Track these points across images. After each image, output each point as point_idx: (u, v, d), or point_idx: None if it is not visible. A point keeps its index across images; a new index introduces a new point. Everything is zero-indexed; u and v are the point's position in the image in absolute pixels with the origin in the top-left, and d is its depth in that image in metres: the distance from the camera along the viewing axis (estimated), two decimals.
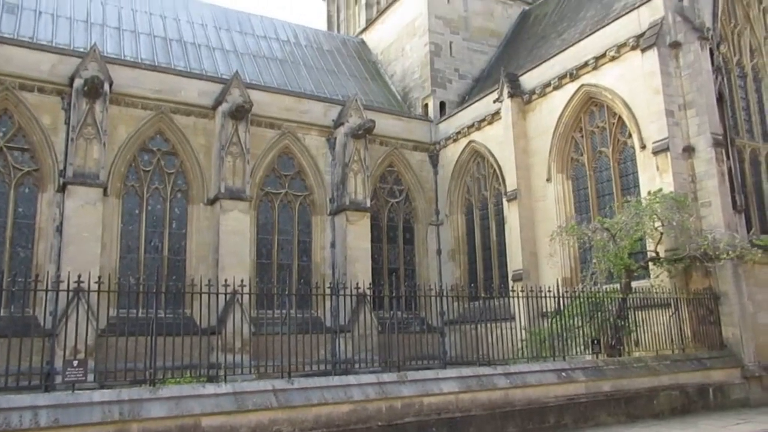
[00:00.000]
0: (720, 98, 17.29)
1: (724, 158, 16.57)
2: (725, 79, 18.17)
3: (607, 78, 19.20)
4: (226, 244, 20.69)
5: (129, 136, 20.86)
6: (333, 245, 23.51)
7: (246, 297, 14.52)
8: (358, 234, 23.16)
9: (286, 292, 13.33)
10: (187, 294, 14.31)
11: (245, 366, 11.51)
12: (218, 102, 22.01)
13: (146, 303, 17.40)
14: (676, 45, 17.38)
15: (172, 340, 10.33)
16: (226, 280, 10.96)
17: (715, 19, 18.41)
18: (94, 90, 19.44)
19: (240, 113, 21.71)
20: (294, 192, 23.75)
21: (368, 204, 23.71)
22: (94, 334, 16.60)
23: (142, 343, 9.65)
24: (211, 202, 21.47)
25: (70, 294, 14.64)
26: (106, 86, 19.93)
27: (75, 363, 8.69)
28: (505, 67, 24.51)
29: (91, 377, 9.98)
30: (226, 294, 11.05)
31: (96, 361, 15.57)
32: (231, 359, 16.45)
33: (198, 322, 12.31)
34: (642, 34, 17.98)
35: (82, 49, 21.93)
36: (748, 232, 16.65)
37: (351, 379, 10.37)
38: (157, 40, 25.65)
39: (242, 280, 11.27)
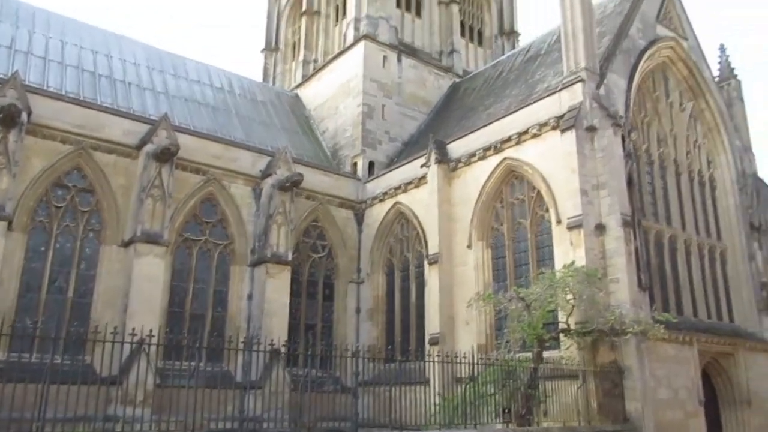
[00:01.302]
0: (630, 182, 18.48)
1: (632, 238, 17.57)
2: (635, 164, 19.49)
3: (529, 153, 20.16)
4: (137, 290, 19.73)
5: (43, 170, 19.90)
6: (250, 297, 22.92)
7: (153, 347, 13.82)
8: (277, 287, 22.72)
9: (197, 345, 12.80)
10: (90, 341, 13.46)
11: (146, 420, 10.86)
12: (144, 142, 21.46)
13: (42, 347, 16.22)
14: (592, 129, 18.55)
15: (67, 388, 9.67)
16: (133, 329, 10.40)
17: (628, 109, 19.91)
18: (9, 118, 18.55)
19: (165, 156, 21.22)
20: (214, 240, 23.16)
21: (290, 257, 23.42)
22: None
23: (33, 391, 8.93)
24: (126, 244, 20.58)
25: None
26: (24, 116, 19.06)
27: None
28: (434, 134, 25.35)
29: None
30: (132, 343, 10.50)
31: None
32: (131, 412, 15.50)
33: (98, 371, 11.60)
34: (562, 116, 19.10)
35: (1, 76, 21.02)
36: (651, 309, 17.53)
37: None
38: (86, 74, 24.94)
39: (150, 330, 10.77)
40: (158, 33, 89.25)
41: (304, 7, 35.64)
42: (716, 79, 24.85)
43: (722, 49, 26.81)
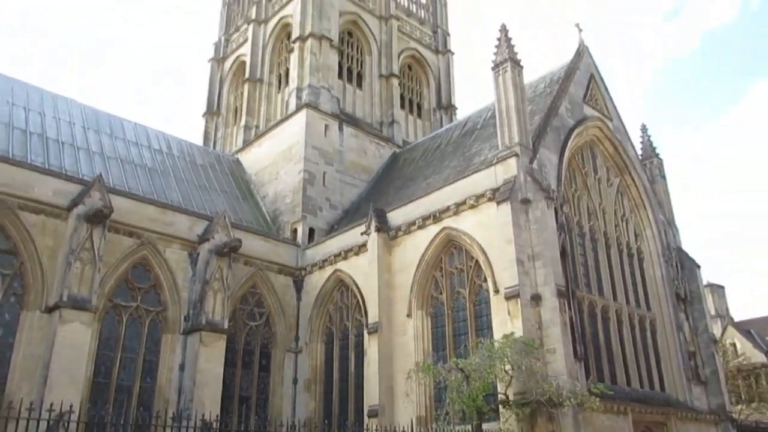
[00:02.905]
0: (563, 253, 19.10)
1: (567, 308, 17.99)
2: (567, 236, 20.20)
3: (467, 223, 20.60)
4: (59, 359, 18.50)
5: None
6: (182, 367, 21.88)
7: (73, 424, 12.91)
8: (211, 357, 21.81)
9: (122, 421, 12.04)
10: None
11: None
12: (75, 203, 20.70)
13: None
14: (526, 201, 19.21)
15: None
16: (51, 404, 9.72)
17: (559, 183, 20.80)
18: None
19: (97, 218, 20.49)
20: (146, 306, 22.22)
21: (226, 325, 22.65)
22: None
23: None
24: (50, 309, 19.45)
25: None
26: None
27: None
28: (374, 202, 25.62)
29: None
30: (49, 420, 9.78)
31: None
32: None
33: None
34: (497, 189, 19.73)
35: None
36: (587, 379, 17.78)
37: None
38: (16, 131, 24.17)
39: (71, 405, 10.08)
40: (99, 94, 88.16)
41: (247, 74, 36.05)
42: (640, 157, 26.36)
43: (644, 129, 28.65)
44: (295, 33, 32.84)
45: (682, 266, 24.77)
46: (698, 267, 25.48)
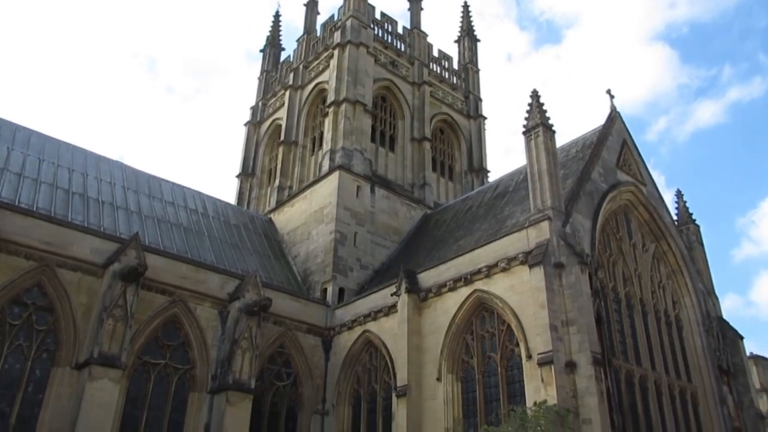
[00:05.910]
0: (599, 319, 18.58)
1: (603, 377, 17.36)
2: (603, 302, 19.71)
3: (498, 286, 20.31)
4: (86, 418, 18.48)
5: (2, 286, 19.29)
6: (207, 428, 21.60)
7: None
8: (236, 417, 21.52)
9: None
10: None
11: None
12: (110, 261, 21.11)
13: None
14: (559, 266, 18.89)
15: None
16: None
17: (593, 248, 20.49)
18: None
19: (132, 276, 20.82)
20: (174, 364, 22.17)
21: (253, 385, 22.43)
22: None
23: None
24: (80, 366, 19.57)
25: None
26: None
27: None
28: (404, 263, 25.53)
29: None
30: None
31: None
32: None
33: None
34: (530, 252, 19.50)
35: None
36: None
37: None
38: (59, 191, 25.00)
39: None
40: (143, 154, 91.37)
41: (282, 137, 37.02)
42: (676, 224, 25.88)
43: (679, 194, 28.26)
44: (330, 98, 33.81)
45: (724, 336, 23.87)
46: (741, 338, 24.53)
